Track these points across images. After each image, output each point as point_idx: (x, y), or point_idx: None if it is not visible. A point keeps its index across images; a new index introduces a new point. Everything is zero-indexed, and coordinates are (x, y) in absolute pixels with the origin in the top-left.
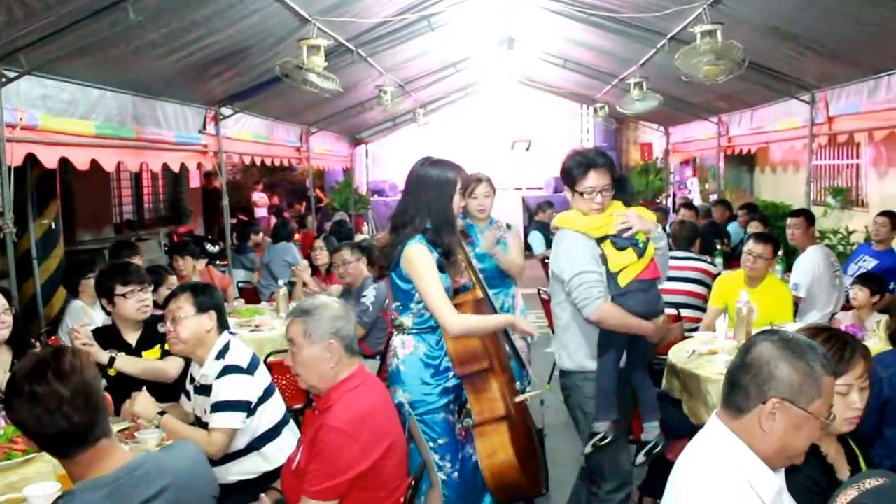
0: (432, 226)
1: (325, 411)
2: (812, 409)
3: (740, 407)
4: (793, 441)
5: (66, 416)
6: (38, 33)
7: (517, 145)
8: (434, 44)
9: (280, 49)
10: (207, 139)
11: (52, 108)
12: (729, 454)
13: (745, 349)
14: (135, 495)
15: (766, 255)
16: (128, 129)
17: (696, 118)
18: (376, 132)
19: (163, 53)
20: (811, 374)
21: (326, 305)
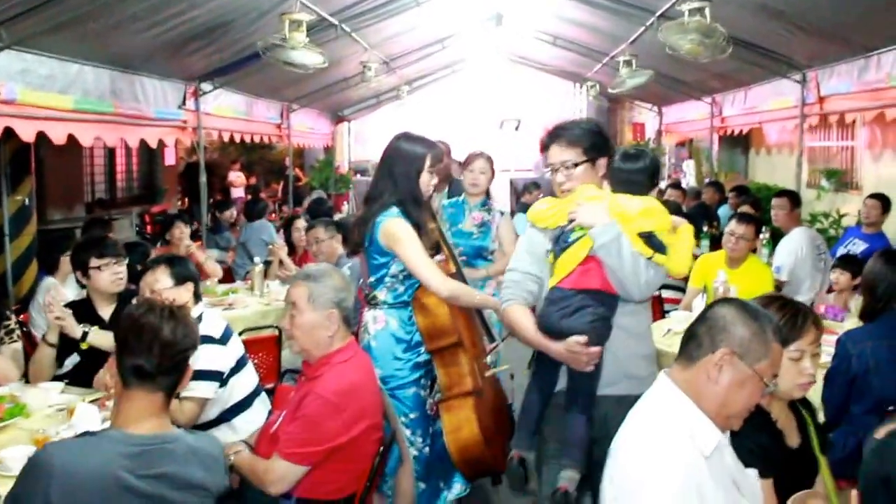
0: (400, 200)
1: (314, 379)
2: (757, 368)
3: (692, 355)
4: (735, 397)
5: (151, 350)
6: (18, 7)
7: (506, 125)
8: (420, 19)
9: (262, 24)
10: (187, 115)
11: (30, 83)
12: (672, 407)
13: (706, 308)
14: (155, 464)
15: (747, 235)
16: (106, 104)
17: (690, 98)
18: (359, 109)
19: (143, 27)
20: (762, 336)
21: (332, 274)
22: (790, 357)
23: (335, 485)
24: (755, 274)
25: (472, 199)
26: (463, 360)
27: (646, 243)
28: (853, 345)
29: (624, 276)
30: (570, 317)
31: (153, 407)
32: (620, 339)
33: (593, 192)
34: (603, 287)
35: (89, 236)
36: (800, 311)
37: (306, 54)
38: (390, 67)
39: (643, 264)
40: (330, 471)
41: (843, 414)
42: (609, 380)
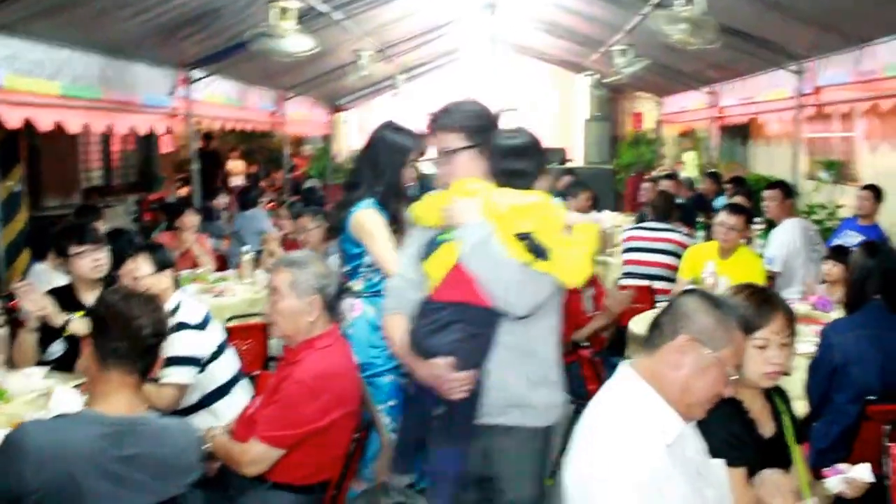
0: (380, 191)
1: (293, 364)
2: (718, 356)
3: (654, 343)
4: (696, 385)
5: (126, 334)
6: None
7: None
8: (414, 7)
9: (252, 11)
10: (178, 102)
11: (18, 69)
12: (633, 395)
13: (672, 298)
14: (126, 444)
15: (738, 226)
16: (94, 91)
17: (689, 88)
18: (356, 98)
19: (131, 13)
20: (724, 323)
21: (315, 261)
22: (755, 345)
23: (310, 469)
24: (746, 264)
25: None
26: None
27: (525, 247)
28: (835, 334)
29: (496, 287)
30: (435, 334)
31: (126, 389)
32: (507, 360)
33: (474, 185)
34: (474, 299)
35: (69, 223)
36: (766, 299)
37: (295, 41)
38: (385, 55)
39: (519, 272)
40: (305, 455)
41: (826, 404)
42: (494, 408)
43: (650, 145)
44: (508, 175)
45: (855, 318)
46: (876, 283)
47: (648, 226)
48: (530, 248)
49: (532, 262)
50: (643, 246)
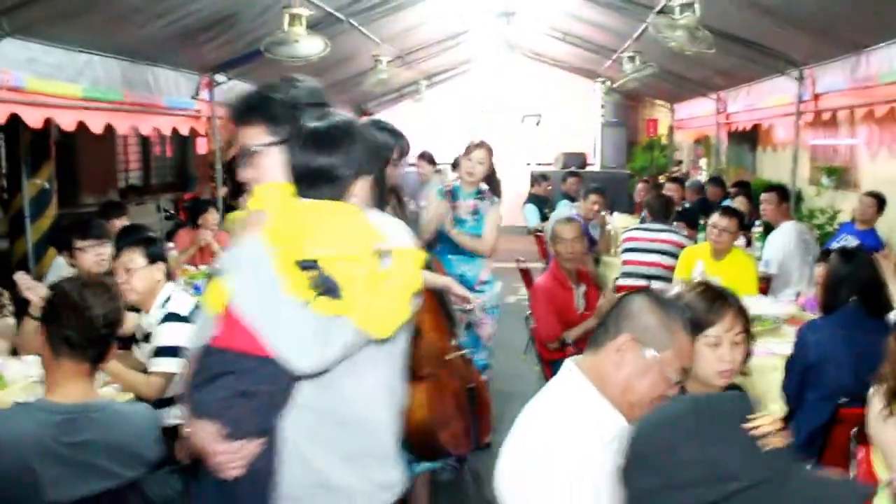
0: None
1: None
2: (660, 357)
3: (598, 342)
4: (636, 384)
5: (78, 322)
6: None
7: (527, 120)
8: (430, 14)
9: (268, 18)
10: (200, 105)
11: (38, 72)
12: (573, 392)
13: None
14: (78, 431)
15: (730, 228)
16: (116, 93)
17: (698, 95)
18: (381, 103)
19: (145, 20)
20: (666, 324)
21: None
22: (707, 343)
23: None
24: (739, 266)
25: (466, 186)
26: (421, 343)
27: (310, 281)
28: (811, 333)
29: (270, 333)
30: (200, 389)
31: (79, 377)
32: (312, 427)
33: (270, 192)
34: (250, 347)
35: (76, 218)
36: (717, 296)
37: (307, 44)
38: (406, 62)
39: (302, 315)
40: None
41: (800, 402)
42: (294, 489)
43: (663, 150)
44: (308, 175)
45: (831, 318)
46: (850, 287)
47: (647, 227)
48: (317, 283)
49: (317, 302)
50: (641, 246)
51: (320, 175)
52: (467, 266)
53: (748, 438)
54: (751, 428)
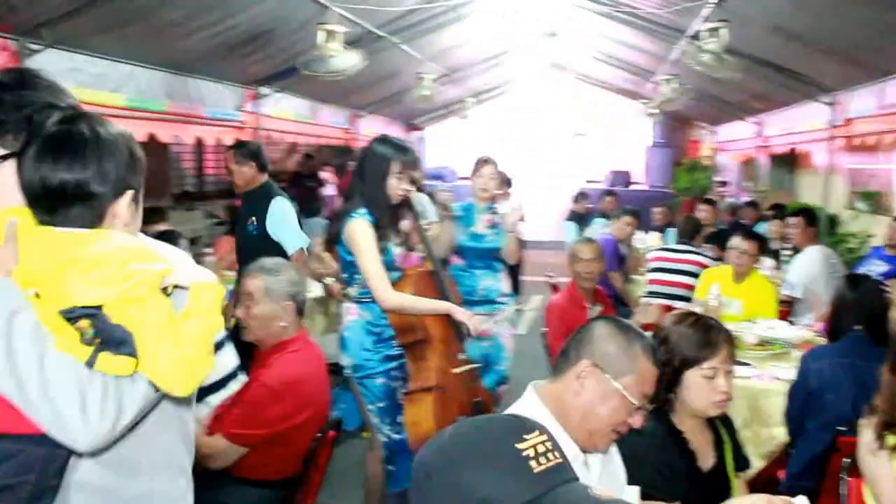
0: (368, 201)
1: (262, 367)
2: (621, 383)
3: (560, 368)
4: (596, 411)
5: None
6: (56, 10)
7: (576, 138)
8: (472, 33)
9: (304, 34)
10: (246, 116)
11: (81, 81)
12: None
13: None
14: None
15: (750, 251)
16: (158, 104)
17: (737, 118)
18: (430, 119)
19: (185, 34)
20: (627, 350)
21: (287, 268)
22: (704, 375)
23: (274, 467)
24: (758, 289)
25: (480, 202)
26: (430, 356)
27: (82, 334)
28: (813, 360)
29: (36, 406)
30: None
31: None
32: None
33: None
34: (9, 427)
35: None
36: (712, 329)
37: (343, 58)
38: (451, 79)
39: (76, 377)
40: (269, 454)
41: (802, 429)
42: None
43: (706, 171)
44: (48, 195)
45: (834, 346)
46: (855, 315)
47: (672, 247)
48: (94, 334)
49: (99, 359)
50: (666, 266)
51: (65, 194)
52: (492, 279)
53: (515, 460)
54: (524, 448)
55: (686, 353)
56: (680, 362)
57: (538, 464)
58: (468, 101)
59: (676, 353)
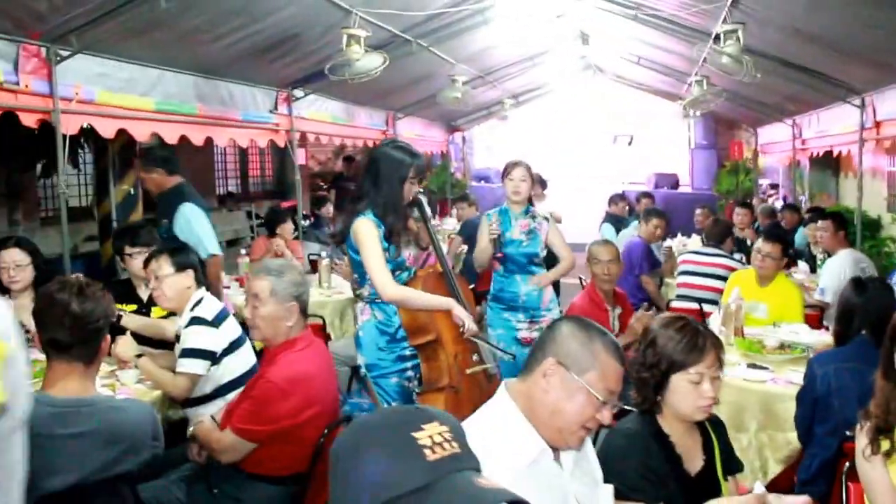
0: (380, 205)
1: (268, 364)
2: (584, 379)
3: (529, 367)
4: (563, 408)
5: (62, 324)
6: (83, 18)
7: (619, 140)
8: (503, 36)
9: (333, 37)
10: (279, 119)
11: (110, 86)
12: (496, 416)
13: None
14: (72, 424)
15: (773, 254)
16: (189, 107)
17: (777, 120)
18: (470, 120)
19: (209, 38)
20: (589, 347)
21: (292, 269)
22: (690, 380)
23: (283, 462)
24: (784, 292)
25: (514, 206)
26: (441, 356)
27: None
28: (819, 366)
29: None
30: None
31: (73, 374)
32: None
33: None
34: None
35: (126, 226)
36: (699, 334)
37: (366, 60)
38: (486, 81)
39: None
40: (278, 450)
41: (811, 434)
42: None
43: (748, 174)
44: None
45: (840, 351)
46: (862, 319)
47: (701, 251)
48: None
49: None
50: (694, 270)
51: None
52: (533, 287)
53: (410, 448)
54: (420, 438)
55: (673, 357)
56: (667, 366)
57: (433, 452)
58: (506, 103)
59: (664, 356)
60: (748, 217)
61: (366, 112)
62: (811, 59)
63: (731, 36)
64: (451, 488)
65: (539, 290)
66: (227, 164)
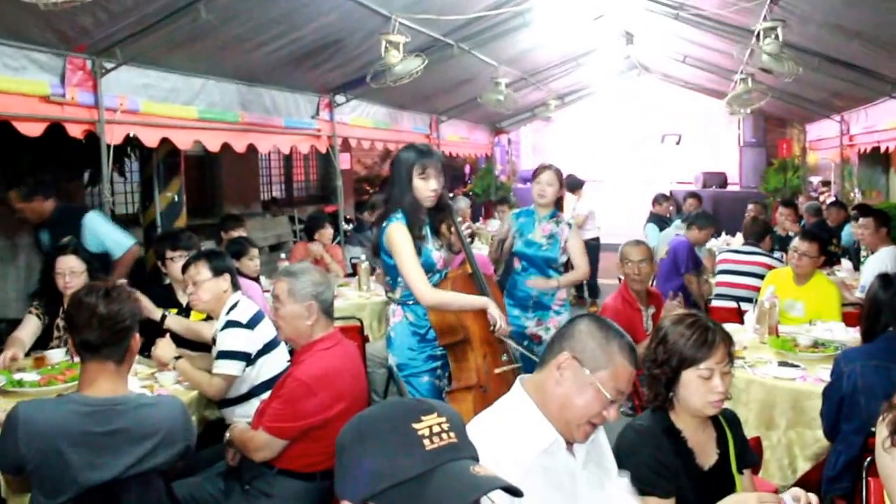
0: (400, 206)
1: (296, 364)
2: (596, 377)
3: (544, 360)
4: (573, 401)
5: (92, 326)
6: (126, 31)
7: (667, 139)
8: (546, 38)
9: (374, 42)
10: (321, 124)
11: (153, 96)
12: (512, 406)
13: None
14: (107, 422)
15: (810, 252)
16: (232, 114)
17: (825, 117)
18: (515, 122)
19: (251, 47)
20: (605, 347)
21: (310, 271)
22: (700, 375)
23: (313, 458)
24: (821, 291)
25: (540, 209)
26: (470, 356)
27: None
28: (845, 363)
29: None
30: None
31: (105, 374)
32: None
33: None
34: None
35: (167, 231)
36: (709, 329)
37: (405, 63)
38: (529, 82)
39: None
40: (308, 446)
41: (837, 431)
42: None
43: (797, 171)
44: None
45: (866, 348)
46: (889, 316)
47: (739, 249)
48: None
49: None
50: (732, 269)
51: None
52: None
53: (409, 438)
54: (419, 428)
55: (683, 352)
56: (677, 362)
57: (431, 442)
58: (551, 104)
59: (674, 353)
60: (792, 216)
61: (409, 116)
62: (855, 55)
63: (770, 33)
64: (447, 476)
65: (552, 292)
66: (272, 169)
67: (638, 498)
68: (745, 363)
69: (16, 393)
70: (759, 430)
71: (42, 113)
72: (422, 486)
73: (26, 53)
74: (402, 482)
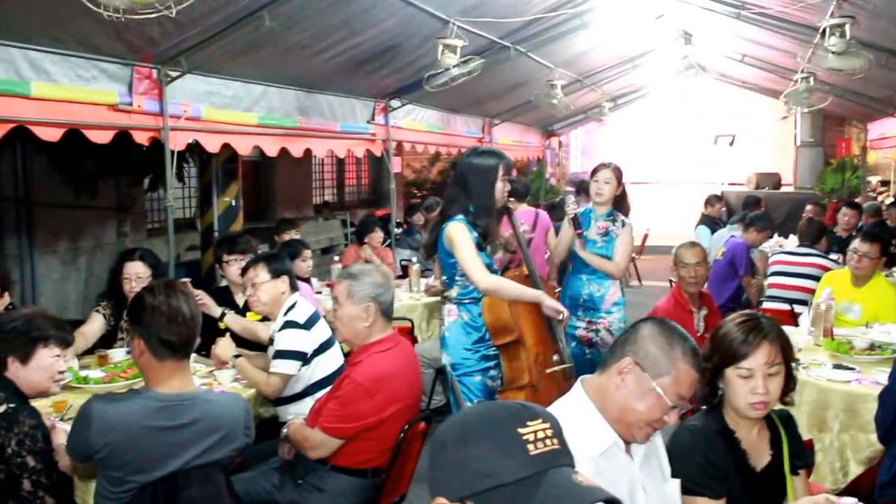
0: (474, 209)
1: (353, 365)
2: (658, 383)
3: (607, 363)
4: (634, 406)
5: (175, 326)
6: (192, 40)
7: (720, 140)
8: (603, 39)
9: (431, 46)
10: (376, 129)
11: (215, 103)
12: (573, 407)
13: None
14: (175, 416)
15: (871, 254)
16: (291, 120)
17: (889, 115)
18: (567, 124)
19: (310, 54)
20: (668, 353)
21: (370, 273)
22: (739, 375)
23: (365, 456)
24: (880, 293)
25: (598, 208)
26: (523, 356)
27: None
28: None
29: None
30: None
31: (176, 372)
32: None
33: None
34: None
35: (225, 235)
36: (756, 328)
37: (460, 68)
38: (584, 84)
39: None
40: (362, 444)
41: (892, 436)
42: None
43: (855, 171)
44: None
45: None
46: None
47: (793, 251)
48: None
49: None
50: (786, 270)
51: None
52: (596, 286)
53: (515, 442)
54: (525, 433)
55: (725, 349)
56: (719, 359)
57: (535, 448)
58: (605, 106)
59: (719, 349)
60: (855, 218)
61: (462, 119)
62: None
63: (836, 31)
64: (551, 483)
65: (602, 291)
66: (325, 173)
67: (688, 498)
68: (799, 364)
69: (80, 389)
70: (811, 433)
71: (110, 121)
72: (526, 489)
73: (95, 63)
74: (507, 484)
